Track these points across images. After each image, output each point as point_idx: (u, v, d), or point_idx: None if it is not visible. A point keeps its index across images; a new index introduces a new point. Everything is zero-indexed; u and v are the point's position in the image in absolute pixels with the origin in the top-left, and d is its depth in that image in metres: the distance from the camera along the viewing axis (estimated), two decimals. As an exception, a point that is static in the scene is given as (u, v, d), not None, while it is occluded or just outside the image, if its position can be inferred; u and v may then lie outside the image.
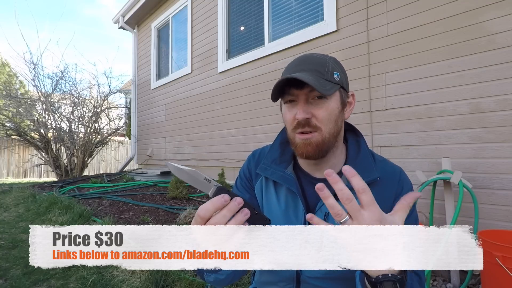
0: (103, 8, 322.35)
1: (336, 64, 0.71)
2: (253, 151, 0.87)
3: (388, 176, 0.71)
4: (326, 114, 0.67)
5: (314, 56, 0.70)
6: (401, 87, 2.22)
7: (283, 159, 0.76)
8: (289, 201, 0.73)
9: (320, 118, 0.66)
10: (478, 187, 1.82)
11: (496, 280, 1.40)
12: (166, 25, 5.58)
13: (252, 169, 0.82)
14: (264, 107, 3.36)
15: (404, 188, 0.71)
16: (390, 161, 0.77)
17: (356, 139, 0.77)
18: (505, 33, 1.77)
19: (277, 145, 0.79)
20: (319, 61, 0.68)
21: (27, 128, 6.45)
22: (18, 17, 23.98)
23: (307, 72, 0.65)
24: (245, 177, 0.83)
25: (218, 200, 0.48)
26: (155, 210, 3.14)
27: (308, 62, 0.68)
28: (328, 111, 0.67)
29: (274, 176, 0.74)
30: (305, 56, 0.71)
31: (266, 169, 0.76)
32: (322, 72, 0.66)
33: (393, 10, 2.28)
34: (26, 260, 2.15)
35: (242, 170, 0.85)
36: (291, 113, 0.68)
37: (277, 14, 3.37)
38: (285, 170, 0.74)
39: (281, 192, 0.75)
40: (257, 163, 0.80)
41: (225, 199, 0.48)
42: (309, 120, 0.66)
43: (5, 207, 3.92)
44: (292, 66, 0.70)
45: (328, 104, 0.67)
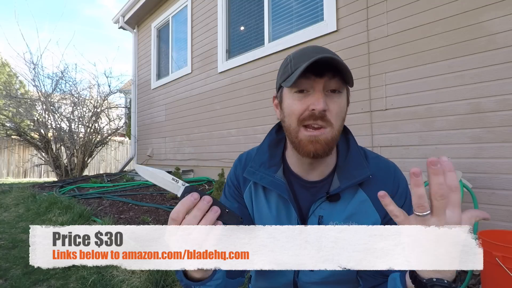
0: (103, 8, 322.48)
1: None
2: (238, 156, 0.82)
3: (382, 174, 0.69)
4: (339, 109, 0.62)
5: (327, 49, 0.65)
6: (401, 87, 2.22)
7: (272, 162, 0.72)
8: (281, 207, 0.70)
9: (334, 113, 0.61)
10: (478, 187, 1.82)
11: (496, 280, 1.39)
12: (166, 25, 5.58)
13: (239, 175, 0.77)
14: (264, 107, 3.36)
15: (400, 187, 0.69)
16: (383, 157, 0.74)
17: (346, 137, 0.74)
18: (505, 33, 1.77)
19: (266, 148, 0.74)
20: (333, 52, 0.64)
21: (27, 128, 6.46)
22: (18, 17, 23.98)
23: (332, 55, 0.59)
24: (233, 184, 0.78)
25: (187, 200, 0.48)
26: (155, 210, 3.14)
27: (325, 50, 0.63)
28: (341, 107, 0.63)
29: (263, 182, 0.69)
30: (319, 46, 0.66)
31: (254, 173, 0.71)
32: (341, 62, 0.59)
33: (393, 10, 2.28)
34: (26, 260, 2.15)
35: (229, 177, 0.81)
36: (303, 103, 0.61)
37: (277, 14, 3.37)
38: (275, 175, 0.69)
39: (271, 197, 0.71)
40: (244, 168, 0.75)
41: (195, 197, 0.48)
42: (325, 113, 0.60)
43: (5, 207, 3.93)
44: (309, 53, 0.62)
45: (342, 100, 0.63)
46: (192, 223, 0.47)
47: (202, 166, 4.38)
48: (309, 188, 0.71)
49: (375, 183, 0.67)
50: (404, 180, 0.70)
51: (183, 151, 4.80)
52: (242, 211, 0.75)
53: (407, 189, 0.69)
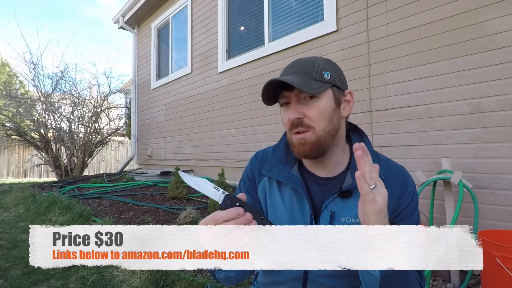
0: (104, 8, 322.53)
1: (327, 63, 0.72)
2: (255, 152, 0.88)
3: (392, 175, 0.72)
4: (318, 113, 0.68)
5: (304, 59, 0.72)
6: (401, 87, 2.22)
7: (288, 159, 0.77)
8: (294, 201, 0.74)
9: (312, 117, 0.68)
10: (478, 187, 1.82)
11: (496, 280, 1.40)
12: (166, 25, 5.58)
13: (254, 170, 0.82)
14: (264, 107, 3.36)
15: (408, 187, 0.72)
16: (393, 161, 0.78)
17: (360, 139, 0.78)
18: (505, 33, 1.77)
19: (282, 146, 0.80)
20: (308, 63, 0.70)
21: (27, 128, 6.45)
22: (18, 17, 23.97)
23: (296, 74, 0.68)
24: (248, 179, 0.83)
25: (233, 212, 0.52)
26: (155, 210, 3.14)
27: (298, 64, 0.71)
28: (320, 110, 0.68)
29: (280, 177, 0.74)
30: (297, 60, 0.73)
31: (271, 169, 0.77)
32: (311, 72, 0.68)
33: (393, 10, 2.28)
34: (26, 260, 2.15)
35: (245, 172, 0.86)
36: (286, 115, 0.70)
37: (277, 14, 3.37)
38: (291, 171, 0.75)
39: (285, 192, 0.75)
40: (260, 164, 0.81)
41: (239, 213, 0.53)
42: (301, 120, 0.68)
43: (5, 207, 3.92)
44: (284, 70, 0.72)
45: (320, 103, 0.68)
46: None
47: (202, 166, 4.38)
48: (322, 185, 0.75)
49: (386, 183, 0.69)
50: (412, 182, 0.74)
51: (183, 151, 4.80)
52: (255, 205, 0.79)
53: (414, 191, 0.73)
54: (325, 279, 0.70)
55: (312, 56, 0.74)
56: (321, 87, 0.67)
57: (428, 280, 1.71)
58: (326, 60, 0.73)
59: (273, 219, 0.75)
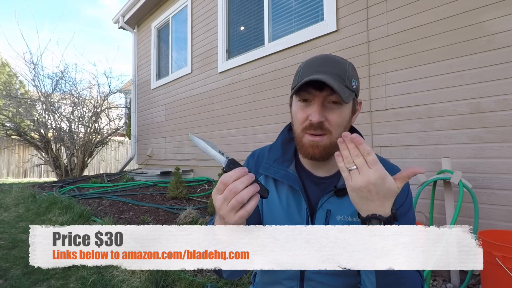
0: (104, 8, 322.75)
1: (354, 71, 0.71)
2: (252, 151, 0.88)
3: None
4: (339, 119, 0.68)
5: (335, 59, 0.70)
6: (401, 87, 2.22)
7: (285, 158, 0.78)
8: (291, 199, 0.74)
9: (333, 123, 0.67)
10: (478, 187, 1.82)
11: (496, 280, 1.40)
12: (166, 25, 5.58)
13: (251, 168, 0.82)
14: (264, 107, 3.36)
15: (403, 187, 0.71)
16: (388, 160, 0.78)
17: None
18: (505, 33, 1.77)
19: (279, 145, 0.81)
20: (341, 66, 0.68)
21: (27, 128, 6.45)
22: (18, 17, 23.99)
23: (330, 76, 0.65)
24: None
25: (239, 171, 0.54)
26: (155, 210, 3.14)
27: (331, 64, 0.68)
28: (341, 117, 0.68)
29: (277, 175, 0.75)
30: (327, 57, 0.70)
31: (268, 168, 0.77)
32: (343, 78, 0.66)
33: (393, 10, 2.28)
34: (26, 260, 2.15)
35: None
36: (304, 112, 0.69)
37: (277, 14, 3.37)
38: (288, 169, 0.75)
39: (282, 190, 0.76)
40: (257, 163, 0.82)
41: (245, 170, 0.55)
42: (322, 123, 0.66)
43: (5, 207, 3.93)
44: (314, 66, 0.69)
45: (342, 111, 0.68)
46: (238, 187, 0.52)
47: (202, 166, 4.38)
48: (318, 184, 0.76)
49: None
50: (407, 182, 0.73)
51: (183, 151, 4.80)
52: None
53: (408, 190, 0.73)
54: (322, 277, 0.71)
55: (339, 57, 0.72)
56: (350, 96, 0.67)
57: (428, 280, 1.71)
58: (352, 66, 0.72)
59: (269, 217, 0.76)
